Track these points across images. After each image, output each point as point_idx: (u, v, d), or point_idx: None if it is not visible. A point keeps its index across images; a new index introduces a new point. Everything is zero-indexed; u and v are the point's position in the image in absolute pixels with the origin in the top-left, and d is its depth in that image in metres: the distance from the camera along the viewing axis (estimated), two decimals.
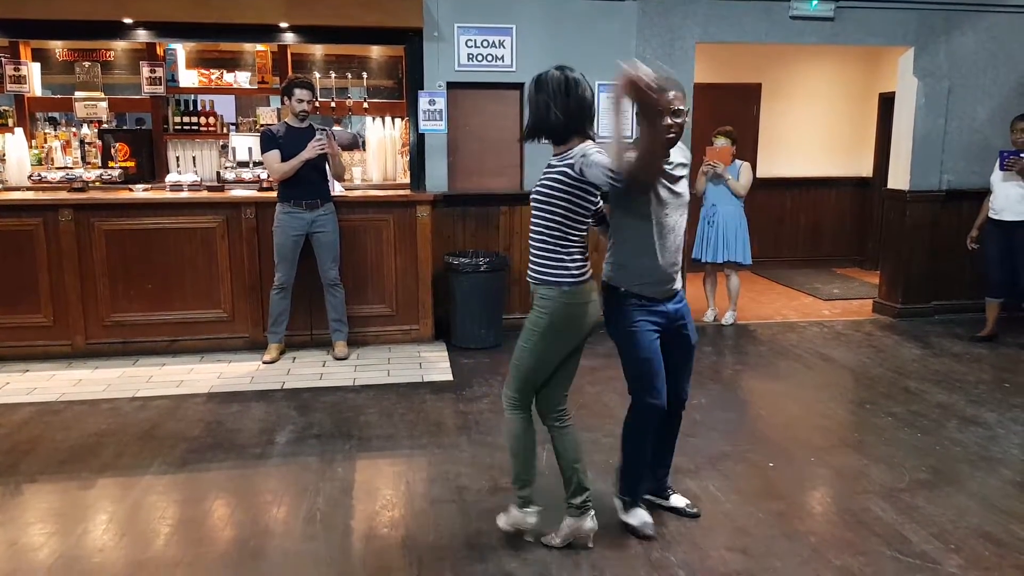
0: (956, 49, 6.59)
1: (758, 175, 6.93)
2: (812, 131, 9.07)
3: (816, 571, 2.90)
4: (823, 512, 3.46)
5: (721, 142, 6.34)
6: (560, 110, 2.74)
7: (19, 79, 6.69)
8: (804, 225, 9.25)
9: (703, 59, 6.58)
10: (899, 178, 6.84)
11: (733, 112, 8.37)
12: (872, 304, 7.17)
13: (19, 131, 6.61)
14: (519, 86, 6.09)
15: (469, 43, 5.99)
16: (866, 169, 9.14)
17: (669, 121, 2.84)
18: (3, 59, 6.66)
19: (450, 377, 5.16)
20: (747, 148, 8.46)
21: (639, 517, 3.16)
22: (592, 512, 3.04)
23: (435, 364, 5.42)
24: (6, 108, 6.94)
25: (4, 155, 6.43)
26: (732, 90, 8.68)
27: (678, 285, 3.10)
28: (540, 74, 2.82)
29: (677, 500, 3.37)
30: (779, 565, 2.94)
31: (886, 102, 8.36)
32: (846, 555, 3.01)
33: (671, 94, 2.85)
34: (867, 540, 3.12)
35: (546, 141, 2.85)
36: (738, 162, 6.43)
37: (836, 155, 9.17)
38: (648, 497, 3.34)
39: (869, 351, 5.86)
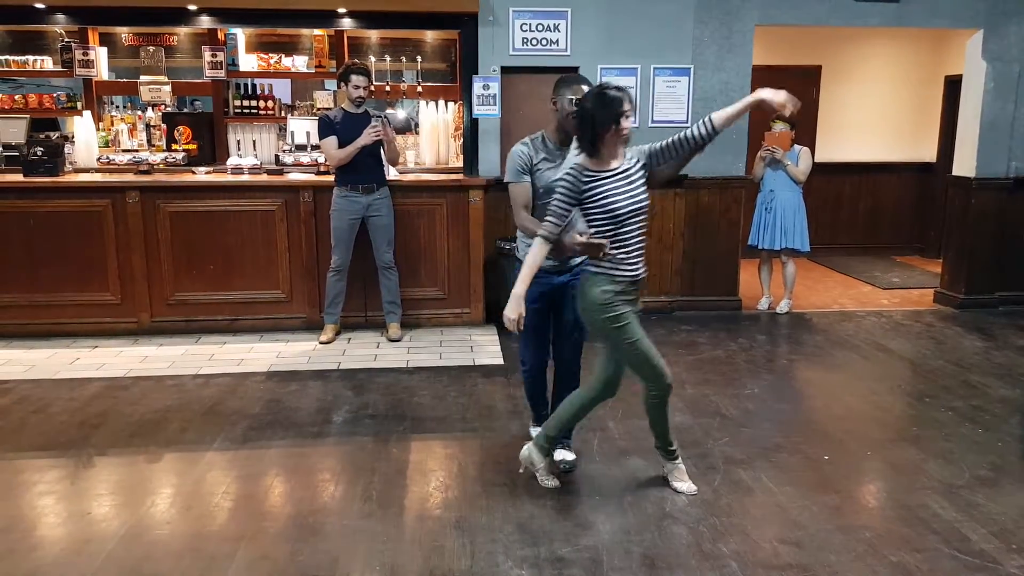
0: None
1: (816, 160, 6.78)
2: (873, 115, 8.82)
3: (871, 567, 2.88)
4: (879, 507, 3.41)
5: (780, 127, 6.21)
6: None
7: (87, 63, 6.89)
8: (863, 211, 9.02)
9: (760, 41, 6.44)
10: (965, 164, 6.63)
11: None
12: (933, 294, 6.98)
13: (87, 114, 6.83)
14: (574, 71, 6.05)
15: (524, 27, 5.97)
16: (929, 154, 8.87)
17: None
18: (73, 44, 6.87)
19: (501, 361, 5.20)
20: (806, 132, 8.27)
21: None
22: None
23: (485, 348, 5.47)
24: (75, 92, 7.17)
25: (74, 137, 6.64)
26: (791, 72, 8.46)
27: None
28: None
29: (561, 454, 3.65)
30: (833, 559, 2.92)
31: (952, 85, 8.08)
32: (902, 552, 2.97)
33: None
34: (924, 537, 3.08)
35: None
36: (797, 147, 6.31)
37: (898, 140, 8.91)
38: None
39: (929, 343, 5.73)
